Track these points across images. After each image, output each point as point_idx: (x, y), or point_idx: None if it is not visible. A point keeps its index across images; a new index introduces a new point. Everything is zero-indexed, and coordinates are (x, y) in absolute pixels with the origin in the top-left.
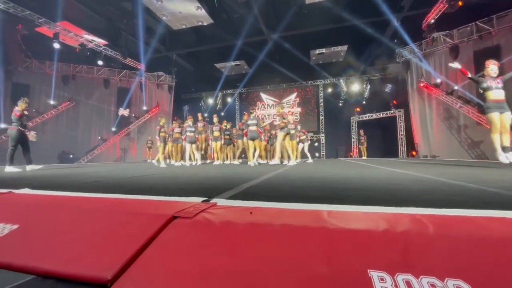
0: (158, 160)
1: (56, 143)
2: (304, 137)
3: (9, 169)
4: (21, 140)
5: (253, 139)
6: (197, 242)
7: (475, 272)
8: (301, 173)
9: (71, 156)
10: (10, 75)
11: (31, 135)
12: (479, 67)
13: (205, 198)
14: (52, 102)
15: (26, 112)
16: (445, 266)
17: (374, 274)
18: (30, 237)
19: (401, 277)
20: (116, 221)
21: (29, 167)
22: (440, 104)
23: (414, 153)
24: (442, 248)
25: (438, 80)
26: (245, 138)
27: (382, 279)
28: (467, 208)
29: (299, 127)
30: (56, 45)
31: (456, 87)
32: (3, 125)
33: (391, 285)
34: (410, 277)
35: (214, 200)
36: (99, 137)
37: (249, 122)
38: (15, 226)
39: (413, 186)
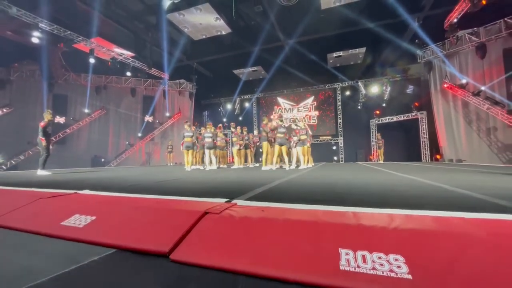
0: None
1: (90, 148)
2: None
3: (41, 172)
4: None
5: (281, 145)
6: (223, 230)
7: (408, 249)
8: (311, 179)
9: (102, 160)
10: (51, 88)
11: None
12: (509, 66)
13: (227, 199)
14: (86, 110)
15: (59, 121)
16: (391, 246)
17: (343, 251)
18: (107, 224)
19: (360, 253)
20: (163, 215)
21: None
22: (466, 105)
23: (438, 157)
24: (391, 235)
25: (464, 81)
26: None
27: (347, 254)
28: (427, 210)
29: (310, 132)
30: (92, 60)
31: (483, 88)
32: None
33: (353, 257)
34: (366, 252)
35: (234, 201)
36: (127, 142)
37: (280, 129)
38: (94, 217)
39: (408, 191)
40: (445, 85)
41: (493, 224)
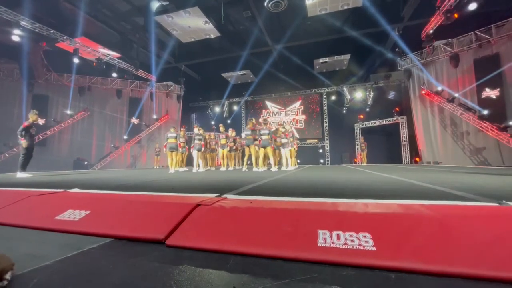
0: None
1: (72, 150)
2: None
3: (20, 174)
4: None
5: (264, 147)
6: (215, 218)
7: (374, 229)
8: (297, 178)
9: (85, 162)
10: (30, 88)
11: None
12: (479, 75)
13: (218, 194)
14: (69, 112)
15: (38, 122)
16: (361, 226)
17: (320, 231)
18: (102, 217)
19: (335, 232)
20: (157, 208)
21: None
22: (442, 111)
23: (417, 159)
24: (363, 218)
25: (439, 88)
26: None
27: (324, 233)
28: (396, 199)
29: (296, 135)
30: (76, 60)
31: (456, 95)
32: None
33: (329, 236)
34: (340, 232)
35: (224, 195)
36: (112, 145)
37: (262, 132)
38: (88, 212)
39: (380, 185)
40: (423, 92)
41: (443, 208)
